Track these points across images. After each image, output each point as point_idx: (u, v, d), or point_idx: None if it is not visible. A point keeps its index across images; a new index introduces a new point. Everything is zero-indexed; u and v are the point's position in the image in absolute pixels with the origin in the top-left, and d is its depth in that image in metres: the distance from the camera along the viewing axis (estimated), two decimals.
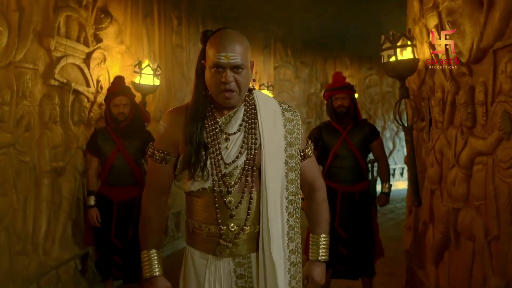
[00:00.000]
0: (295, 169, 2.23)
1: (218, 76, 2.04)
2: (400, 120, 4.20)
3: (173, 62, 6.77)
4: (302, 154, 2.31)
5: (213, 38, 2.09)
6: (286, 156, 2.20)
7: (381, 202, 4.69)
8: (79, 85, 4.72)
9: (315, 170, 2.42)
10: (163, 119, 2.24)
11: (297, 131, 2.27)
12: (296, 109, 2.34)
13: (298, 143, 2.26)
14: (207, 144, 2.13)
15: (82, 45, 4.76)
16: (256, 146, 2.15)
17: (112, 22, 5.28)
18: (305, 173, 2.33)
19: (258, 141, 2.16)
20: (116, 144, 4.51)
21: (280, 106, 2.28)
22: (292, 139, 2.24)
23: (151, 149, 2.24)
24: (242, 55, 2.05)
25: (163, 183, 2.27)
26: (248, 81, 2.12)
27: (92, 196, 4.51)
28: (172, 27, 6.77)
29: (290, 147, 2.23)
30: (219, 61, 2.02)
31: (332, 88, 4.69)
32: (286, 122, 2.25)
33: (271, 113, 2.24)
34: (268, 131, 2.18)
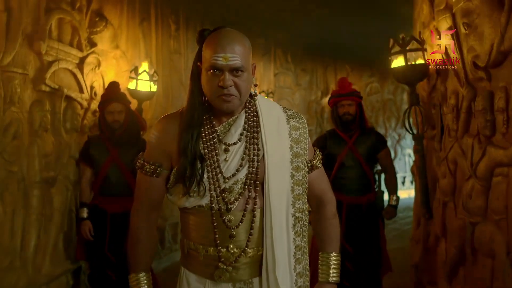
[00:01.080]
0: (302, 182, 2.02)
1: (216, 79, 1.83)
2: (410, 128, 3.98)
3: (170, 68, 6.55)
4: (309, 165, 2.09)
5: (210, 38, 1.89)
6: (292, 169, 1.99)
7: (388, 215, 4.49)
8: (72, 91, 4.52)
9: (324, 182, 2.20)
10: (155, 127, 2.03)
11: (303, 140, 2.06)
12: (302, 116, 2.13)
13: (305, 154, 2.05)
14: (204, 155, 1.91)
15: (75, 49, 4.57)
16: (259, 158, 1.94)
17: (107, 26, 5.08)
18: (313, 186, 2.12)
19: (261, 152, 1.95)
20: (110, 153, 4.31)
21: (284, 112, 2.07)
22: (298, 150, 2.03)
23: (140, 161, 2.02)
24: (242, 56, 1.84)
25: (154, 198, 2.04)
26: (249, 85, 1.91)
27: (85, 208, 4.31)
28: (169, 32, 6.56)
29: (296, 158, 2.01)
30: (217, 62, 1.81)
31: (337, 95, 4.49)
32: (291, 130, 2.04)
33: (275, 121, 2.02)
34: (272, 141, 1.97)
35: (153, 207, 2.06)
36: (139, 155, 2.04)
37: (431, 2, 3.95)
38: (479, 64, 3.01)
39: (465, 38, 3.20)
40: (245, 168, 1.92)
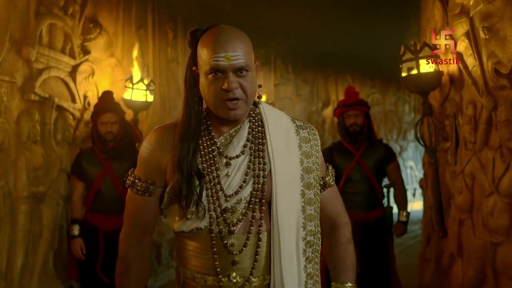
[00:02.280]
0: (313, 201, 1.78)
1: (218, 83, 1.62)
2: (422, 140, 3.74)
3: (168, 77, 6.32)
4: (321, 182, 1.85)
5: (206, 38, 1.67)
6: (302, 186, 1.76)
7: (398, 232, 4.24)
8: (64, 100, 4.29)
9: (338, 203, 1.96)
10: (146, 139, 1.79)
11: (315, 153, 1.82)
12: (313, 127, 1.89)
13: (317, 169, 1.82)
14: (202, 171, 1.68)
15: (68, 56, 4.34)
16: (265, 173, 1.71)
17: (102, 33, 4.86)
18: (326, 206, 1.87)
19: (267, 166, 1.72)
20: (103, 167, 4.06)
21: (293, 122, 1.84)
22: (309, 164, 1.79)
23: (131, 178, 1.78)
24: (245, 54, 1.63)
25: (146, 221, 1.80)
26: (255, 86, 1.69)
27: (76, 224, 4.04)
28: (167, 40, 6.33)
29: (308, 174, 1.78)
30: (218, 63, 1.60)
31: (344, 105, 4.26)
32: (301, 142, 1.80)
33: (283, 132, 1.79)
34: (280, 154, 1.74)
35: (145, 231, 1.81)
36: (129, 172, 1.81)
37: (444, 7, 3.74)
38: (501, 71, 2.79)
39: (485, 43, 2.98)
40: (249, 185, 1.69)
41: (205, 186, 1.67)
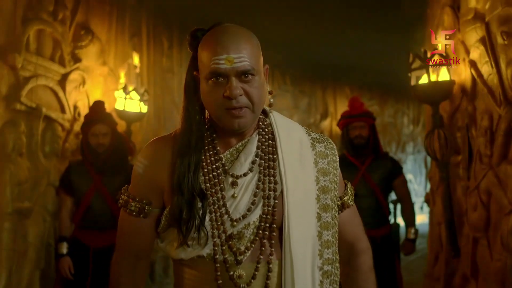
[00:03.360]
0: (331, 226, 1.56)
1: (219, 89, 1.42)
2: (433, 153, 3.53)
3: (163, 87, 6.10)
4: (339, 203, 1.63)
5: (207, 38, 1.46)
6: (318, 208, 1.54)
7: (406, 250, 4.03)
8: (52, 111, 4.06)
9: (358, 225, 1.73)
10: (142, 153, 1.57)
11: (333, 171, 1.60)
12: (330, 140, 1.67)
13: (335, 188, 1.60)
14: (205, 191, 1.47)
15: (57, 64, 4.12)
16: (277, 194, 1.49)
17: (94, 40, 4.63)
18: (344, 230, 1.65)
19: (278, 186, 1.50)
20: (93, 181, 3.82)
21: (308, 135, 1.62)
22: (326, 183, 1.57)
23: (124, 196, 1.57)
24: (250, 55, 1.42)
25: (141, 245, 1.59)
26: (263, 93, 1.48)
27: (64, 242, 3.79)
28: (162, 50, 6.12)
29: (324, 194, 1.56)
30: (219, 67, 1.40)
31: (348, 116, 4.06)
32: (317, 158, 1.59)
33: (297, 146, 1.58)
34: (293, 172, 1.52)
35: (140, 255, 1.61)
36: (123, 189, 1.60)
37: (455, 13, 3.54)
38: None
39: (503, 50, 2.78)
40: (258, 208, 1.47)
41: (208, 208, 1.46)
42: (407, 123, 12.08)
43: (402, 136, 11.84)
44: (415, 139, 12.16)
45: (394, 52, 8.17)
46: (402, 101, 11.89)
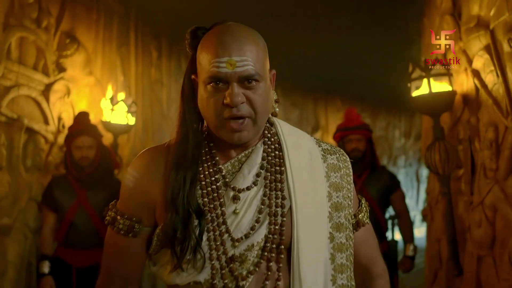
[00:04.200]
0: (346, 247, 1.41)
1: (219, 95, 1.27)
2: (435, 167, 3.38)
3: (151, 99, 5.91)
4: (353, 221, 1.48)
5: (207, 38, 1.32)
6: (331, 227, 1.39)
7: (405, 268, 3.90)
8: (35, 122, 3.88)
9: (373, 246, 1.58)
10: (133, 165, 1.41)
11: (347, 185, 1.46)
12: (343, 152, 1.52)
13: (349, 205, 1.45)
14: (203, 207, 1.31)
15: (40, 73, 3.95)
16: (284, 211, 1.34)
17: (79, 49, 4.47)
18: (358, 251, 1.50)
19: (286, 202, 1.35)
20: (77, 196, 3.67)
21: (319, 146, 1.48)
22: (340, 199, 1.43)
23: (111, 213, 1.41)
24: (255, 59, 1.28)
25: (129, 268, 1.42)
26: (268, 101, 1.34)
27: (46, 261, 3.62)
28: (151, 60, 5.95)
29: (338, 211, 1.41)
30: (219, 70, 1.25)
31: (344, 128, 3.92)
32: (329, 171, 1.44)
33: (306, 157, 1.43)
34: (303, 186, 1.37)
35: (128, 280, 1.44)
36: (110, 205, 1.44)
37: (456, 21, 3.41)
38: None
39: (510, 58, 2.65)
40: (263, 226, 1.32)
41: (206, 227, 1.30)
42: (398, 136, 11.98)
43: (393, 149, 11.73)
44: (407, 152, 12.07)
45: (387, 64, 8.11)
46: (394, 114, 11.81)
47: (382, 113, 11.53)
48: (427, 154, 3.39)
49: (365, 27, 6.41)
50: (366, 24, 6.26)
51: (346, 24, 6.33)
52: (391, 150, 11.67)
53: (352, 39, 7.03)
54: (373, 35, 6.77)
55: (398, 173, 11.83)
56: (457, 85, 3.40)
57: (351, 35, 6.86)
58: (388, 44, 7.10)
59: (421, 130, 12.00)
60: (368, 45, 7.27)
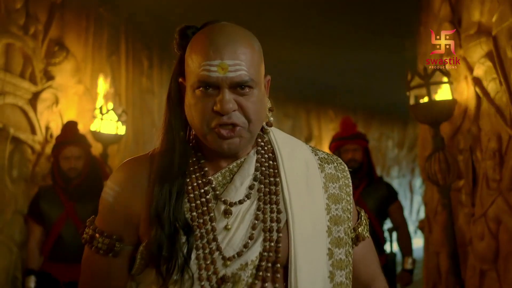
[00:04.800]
0: (345, 264, 1.30)
1: (208, 101, 1.16)
2: (435, 177, 3.28)
3: (142, 108, 5.82)
4: (353, 235, 1.37)
5: (197, 38, 1.21)
6: (330, 243, 1.28)
7: (403, 282, 3.79)
8: (21, 131, 3.78)
9: (373, 261, 1.48)
10: (113, 177, 1.31)
11: (346, 197, 1.35)
12: (341, 160, 1.41)
13: (349, 219, 1.34)
14: (191, 222, 1.19)
15: (28, 81, 3.85)
16: (280, 226, 1.24)
17: (69, 57, 4.37)
18: (358, 267, 1.39)
19: (282, 216, 1.24)
20: (64, 209, 3.55)
21: (315, 154, 1.36)
22: (339, 212, 1.32)
23: (89, 230, 1.30)
24: (250, 63, 1.17)
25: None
26: (262, 109, 1.22)
27: (32, 276, 3.50)
28: (141, 69, 5.85)
29: (337, 225, 1.30)
30: (209, 75, 1.15)
31: (340, 138, 3.82)
32: (327, 182, 1.33)
33: (302, 167, 1.31)
34: (299, 198, 1.26)
35: None
36: (88, 222, 1.32)
37: (455, 28, 3.33)
38: None
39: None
40: (258, 243, 1.21)
41: (195, 244, 1.19)
42: (391, 147, 11.92)
43: (387, 160, 11.65)
44: (400, 163, 12.00)
45: (380, 74, 8.06)
46: (387, 124, 11.75)
47: (375, 124, 11.46)
48: (427, 164, 3.29)
49: (358, 37, 6.35)
50: (359, 34, 6.19)
51: (338, 34, 6.26)
52: (384, 161, 11.60)
53: (345, 49, 6.97)
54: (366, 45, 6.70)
55: (391, 184, 11.78)
56: (456, 94, 3.32)
57: (344, 45, 6.80)
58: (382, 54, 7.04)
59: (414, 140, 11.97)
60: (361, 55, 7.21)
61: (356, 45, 6.77)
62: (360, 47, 6.83)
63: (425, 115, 3.28)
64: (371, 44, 6.62)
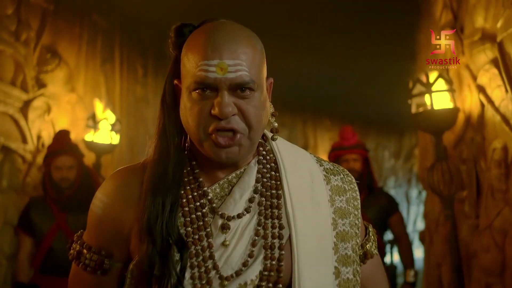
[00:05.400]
0: (352, 284, 1.21)
1: (205, 104, 1.08)
2: (438, 188, 3.19)
3: (136, 117, 5.72)
4: (361, 252, 1.28)
5: (194, 36, 1.12)
6: (337, 261, 1.19)
7: None
8: (12, 140, 3.68)
9: (383, 281, 1.40)
10: (102, 188, 1.23)
11: (354, 211, 1.26)
12: (348, 172, 1.32)
13: (357, 234, 1.25)
14: (186, 238, 1.12)
15: (19, 89, 3.76)
16: (283, 242, 1.15)
17: (61, 65, 4.29)
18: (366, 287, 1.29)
19: (285, 232, 1.16)
20: (56, 220, 3.46)
21: (320, 165, 1.27)
22: (346, 227, 1.23)
23: (76, 245, 1.22)
24: (251, 63, 1.08)
25: None
26: (264, 114, 1.13)
27: None
28: (136, 77, 5.77)
29: (344, 242, 1.21)
30: (207, 75, 1.06)
31: (340, 147, 3.74)
32: (333, 194, 1.24)
33: (307, 178, 1.22)
34: (304, 213, 1.17)
35: None
36: (75, 237, 1.24)
37: (457, 35, 3.26)
38: None
39: None
40: (258, 261, 1.11)
41: (189, 262, 1.10)
42: (388, 157, 11.85)
43: (383, 170, 11.58)
44: (397, 173, 11.93)
45: (377, 84, 8.00)
46: (383, 135, 11.69)
47: (371, 134, 11.40)
48: (429, 175, 3.20)
49: (355, 46, 6.28)
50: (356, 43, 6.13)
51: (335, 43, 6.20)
52: (381, 171, 11.53)
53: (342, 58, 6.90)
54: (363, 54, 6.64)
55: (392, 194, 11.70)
56: (459, 102, 3.25)
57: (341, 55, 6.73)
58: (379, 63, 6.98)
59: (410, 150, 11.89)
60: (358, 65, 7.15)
61: (353, 54, 6.70)
62: (357, 56, 6.76)
63: (427, 123, 3.20)
64: (368, 53, 6.56)
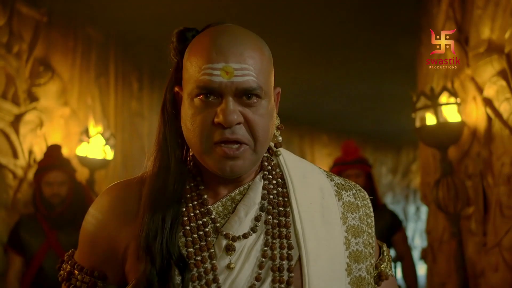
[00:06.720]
0: None
1: (209, 112, 0.99)
2: (444, 205, 3.08)
3: (131, 132, 5.62)
4: (375, 273, 1.18)
5: (198, 40, 1.03)
6: (350, 283, 1.09)
7: None
8: (2, 155, 3.63)
9: None
10: (96, 204, 1.14)
11: (367, 229, 1.17)
12: (360, 187, 1.22)
13: (371, 255, 1.15)
14: (187, 259, 1.02)
15: (10, 103, 3.69)
16: (292, 264, 1.05)
17: (54, 78, 4.22)
18: None
19: (294, 252, 1.06)
20: (46, 238, 3.36)
21: (331, 180, 1.17)
22: (360, 247, 1.13)
23: (66, 266, 1.13)
24: (259, 69, 1.01)
25: None
26: (271, 125, 1.05)
27: None
28: (131, 92, 5.67)
29: (357, 263, 1.11)
30: (211, 79, 0.98)
31: (342, 162, 3.64)
32: (346, 211, 1.14)
33: (317, 195, 1.13)
34: (314, 232, 1.08)
35: None
36: (66, 256, 1.16)
37: (462, 46, 3.18)
38: None
39: None
40: (266, 285, 1.02)
41: (191, 285, 0.99)
42: (385, 173, 11.76)
43: (380, 186, 11.48)
44: (394, 189, 11.84)
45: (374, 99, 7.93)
46: (380, 150, 11.62)
47: (368, 149, 11.33)
48: (434, 191, 3.10)
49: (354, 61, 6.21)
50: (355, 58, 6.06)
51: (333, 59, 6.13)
52: (378, 187, 11.45)
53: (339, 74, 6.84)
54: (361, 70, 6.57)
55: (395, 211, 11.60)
56: (464, 115, 3.15)
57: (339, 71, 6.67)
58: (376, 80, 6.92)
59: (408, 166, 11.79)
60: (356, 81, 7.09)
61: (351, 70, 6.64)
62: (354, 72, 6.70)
63: (432, 138, 3.11)
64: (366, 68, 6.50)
